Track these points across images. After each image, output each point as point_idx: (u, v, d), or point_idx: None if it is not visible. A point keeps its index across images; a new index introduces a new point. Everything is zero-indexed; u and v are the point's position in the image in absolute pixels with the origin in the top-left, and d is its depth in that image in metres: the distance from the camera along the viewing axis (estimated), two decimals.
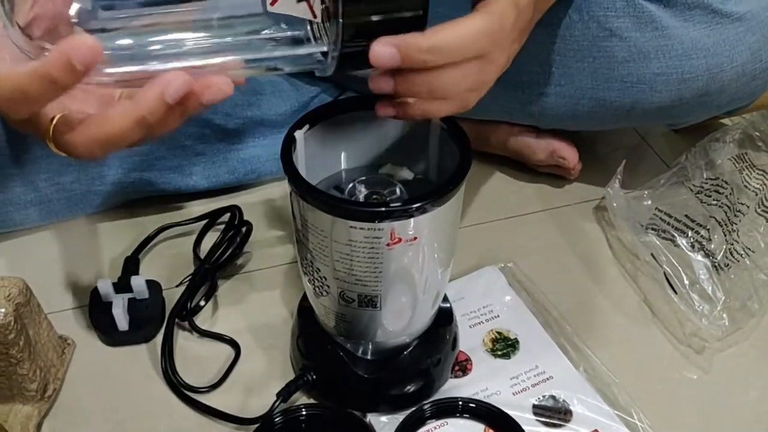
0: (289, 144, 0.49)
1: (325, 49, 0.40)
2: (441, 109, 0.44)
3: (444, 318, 0.59)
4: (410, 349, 0.56)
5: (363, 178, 0.53)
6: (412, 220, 0.45)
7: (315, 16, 0.39)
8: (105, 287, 0.62)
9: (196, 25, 0.41)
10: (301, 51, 0.41)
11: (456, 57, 0.41)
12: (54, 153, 0.40)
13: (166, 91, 0.37)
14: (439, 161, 0.54)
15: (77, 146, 0.38)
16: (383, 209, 0.45)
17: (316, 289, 0.52)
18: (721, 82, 0.63)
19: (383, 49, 0.39)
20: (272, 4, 0.39)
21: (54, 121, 0.39)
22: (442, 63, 0.41)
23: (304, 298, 0.57)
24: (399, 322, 0.53)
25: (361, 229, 0.45)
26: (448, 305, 0.60)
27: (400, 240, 0.46)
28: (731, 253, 0.67)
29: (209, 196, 0.75)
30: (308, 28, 0.42)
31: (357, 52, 0.40)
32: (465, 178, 0.47)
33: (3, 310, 0.51)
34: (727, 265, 0.66)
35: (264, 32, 0.41)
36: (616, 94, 0.66)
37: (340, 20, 0.38)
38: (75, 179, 0.70)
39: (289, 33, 0.41)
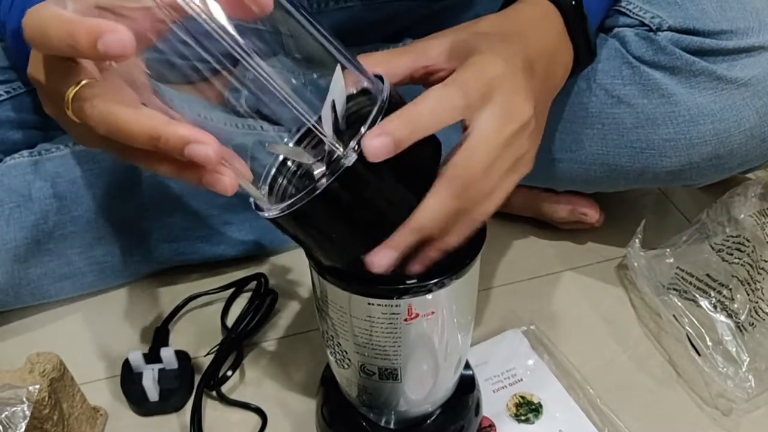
0: None
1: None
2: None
3: (466, 385, 0.59)
4: (433, 417, 0.56)
5: None
6: (429, 295, 0.47)
7: None
8: (136, 359, 0.64)
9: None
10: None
11: None
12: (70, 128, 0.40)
13: (190, 148, 0.36)
14: None
15: (93, 115, 0.37)
16: (400, 286, 0.46)
17: (338, 361, 0.53)
18: (730, 146, 0.63)
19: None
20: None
21: (81, 84, 0.37)
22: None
23: (328, 367, 0.58)
24: (421, 392, 0.54)
25: (379, 305, 0.46)
26: (471, 372, 0.60)
27: (417, 315, 0.47)
28: (756, 311, 0.66)
29: (236, 264, 0.77)
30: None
31: None
32: (480, 252, 0.48)
33: (38, 386, 0.53)
34: (752, 324, 0.65)
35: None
36: (627, 160, 0.66)
37: None
38: (106, 252, 0.72)
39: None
